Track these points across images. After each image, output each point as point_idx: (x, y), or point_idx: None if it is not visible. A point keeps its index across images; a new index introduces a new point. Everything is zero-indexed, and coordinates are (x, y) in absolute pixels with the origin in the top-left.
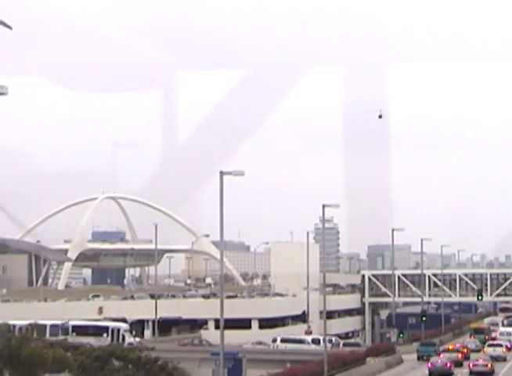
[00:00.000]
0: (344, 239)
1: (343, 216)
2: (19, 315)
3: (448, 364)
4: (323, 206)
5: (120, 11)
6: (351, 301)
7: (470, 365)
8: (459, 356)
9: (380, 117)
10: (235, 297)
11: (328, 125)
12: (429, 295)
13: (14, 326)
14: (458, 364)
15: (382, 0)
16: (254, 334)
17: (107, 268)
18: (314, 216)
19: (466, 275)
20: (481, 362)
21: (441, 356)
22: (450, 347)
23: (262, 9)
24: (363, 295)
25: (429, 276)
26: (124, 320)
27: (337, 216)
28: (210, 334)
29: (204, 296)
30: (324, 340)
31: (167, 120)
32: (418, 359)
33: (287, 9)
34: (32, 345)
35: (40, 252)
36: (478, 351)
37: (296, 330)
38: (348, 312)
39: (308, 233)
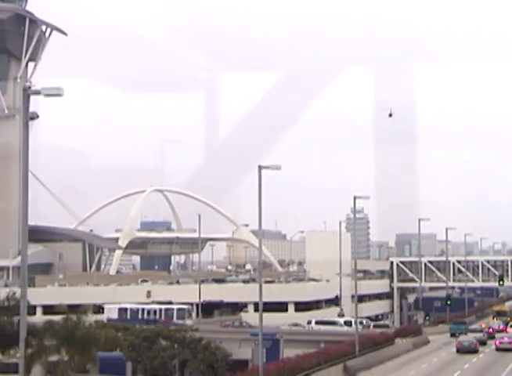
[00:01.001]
0: (373, 228)
1: (373, 207)
2: (75, 298)
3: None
4: (354, 198)
5: (165, 16)
6: (380, 286)
7: (497, 342)
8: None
9: (390, 115)
10: (272, 282)
11: (358, 122)
12: (453, 280)
13: (126, 308)
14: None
15: (409, 4)
16: (291, 316)
17: (155, 255)
18: (346, 207)
19: (488, 261)
20: (506, 340)
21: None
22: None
23: (298, 13)
24: (392, 280)
25: (453, 263)
26: (170, 303)
27: (368, 207)
28: (250, 317)
29: (244, 281)
30: (355, 322)
31: (210, 118)
32: (451, 336)
33: (320, 13)
34: (86, 326)
35: (93, 240)
36: (501, 331)
37: (329, 313)
38: (378, 296)
39: (340, 223)
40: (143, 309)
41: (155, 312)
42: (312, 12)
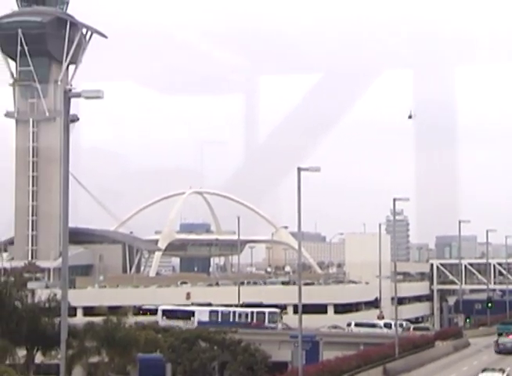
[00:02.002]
0: (413, 230)
1: (413, 208)
2: (115, 300)
3: None
4: (394, 199)
5: (204, 19)
6: (420, 288)
7: None
8: None
9: (410, 117)
10: (312, 284)
11: (398, 123)
12: (494, 283)
13: (217, 311)
14: None
15: (449, 5)
16: (330, 318)
17: (194, 257)
18: (385, 209)
19: None
20: None
21: (510, 336)
22: None
23: (337, 14)
24: (432, 283)
25: (494, 265)
26: (209, 305)
27: (407, 208)
28: (289, 319)
29: (283, 283)
30: (395, 324)
31: (249, 120)
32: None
33: (360, 14)
34: (126, 327)
35: (133, 242)
36: None
37: (369, 315)
38: (418, 299)
39: (380, 225)
40: (234, 312)
41: (246, 315)
42: (352, 14)
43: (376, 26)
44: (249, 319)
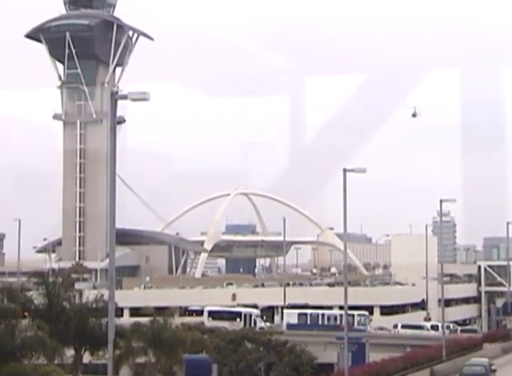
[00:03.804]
0: (460, 231)
1: (459, 209)
2: (161, 301)
3: None
4: (441, 201)
5: (249, 20)
6: (467, 290)
7: None
8: None
9: (414, 115)
10: (358, 285)
11: (445, 123)
12: None
13: (305, 314)
14: None
15: (495, 3)
16: (376, 320)
17: (240, 258)
18: (432, 210)
19: None
20: None
21: None
22: None
23: (380, 15)
24: (479, 285)
25: None
26: (255, 306)
27: (454, 209)
28: None
29: (329, 284)
30: (442, 326)
31: (294, 121)
32: None
33: (406, 14)
34: (173, 328)
35: (179, 243)
36: None
37: (415, 317)
38: (465, 301)
39: (426, 226)
40: (323, 315)
41: (335, 317)
42: (398, 14)
43: (424, 25)
44: (338, 322)
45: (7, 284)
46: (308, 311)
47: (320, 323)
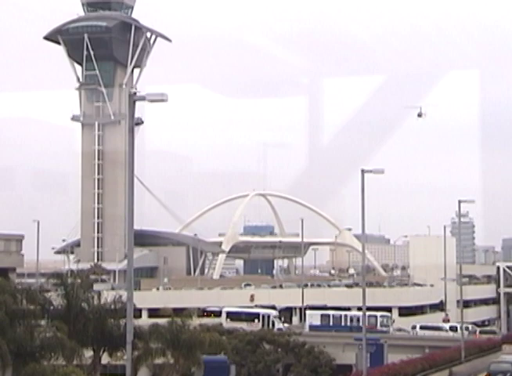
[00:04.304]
0: (479, 232)
1: (478, 210)
2: (179, 302)
3: None
4: (459, 202)
5: (267, 21)
6: (486, 291)
7: None
8: None
9: (420, 115)
10: (376, 286)
11: (463, 124)
12: None
13: (328, 315)
14: None
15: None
16: (395, 321)
17: (258, 259)
18: (450, 210)
19: None
20: None
21: None
22: None
23: (400, 16)
24: (498, 286)
25: None
26: (273, 307)
27: (473, 210)
28: None
29: (347, 285)
30: (461, 327)
31: (312, 122)
32: None
33: (424, 15)
34: (191, 329)
35: (197, 244)
36: None
37: (434, 318)
38: (484, 302)
39: (444, 227)
40: (346, 316)
41: (358, 319)
42: (416, 14)
43: (442, 26)
44: (361, 323)
45: (26, 285)
46: (331, 312)
47: (343, 324)
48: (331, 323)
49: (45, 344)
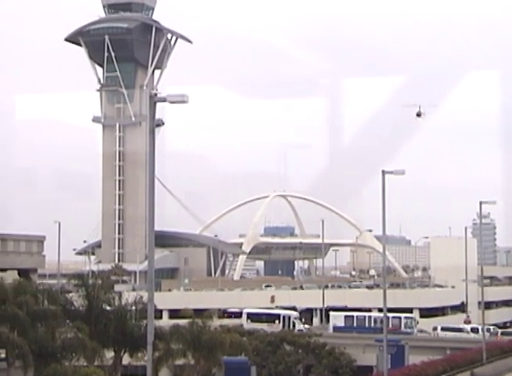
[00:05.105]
0: (500, 233)
1: (500, 211)
2: (200, 303)
3: None
4: (480, 203)
5: (287, 22)
6: (508, 292)
7: None
8: None
9: (419, 115)
10: (397, 287)
11: (484, 124)
12: None
13: (352, 316)
14: None
15: None
16: (418, 322)
17: (278, 260)
18: (471, 211)
19: None
20: None
21: None
22: None
23: (419, 17)
24: None
25: None
26: (294, 309)
27: (494, 211)
28: None
29: (368, 287)
30: (483, 329)
31: (333, 123)
32: None
33: (444, 16)
34: (212, 330)
35: (218, 245)
36: None
37: (455, 320)
38: (506, 303)
39: (466, 228)
40: (370, 317)
41: (381, 320)
42: (436, 15)
43: (462, 27)
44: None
45: (47, 286)
46: (355, 313)
47: (367, 325)
48: (355, 325)
49: (66, 344)
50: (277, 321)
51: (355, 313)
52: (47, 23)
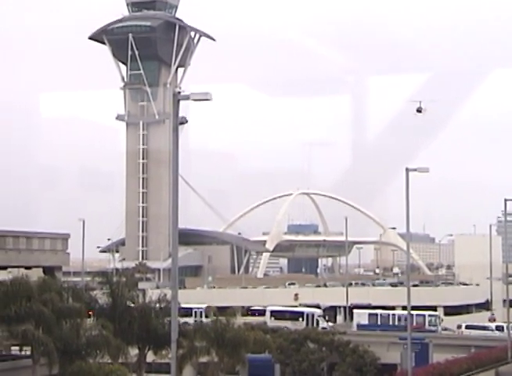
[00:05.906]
0: None
1: None
2: (223, 300)
3: None
4: (505, 200)
5: (310, 20)
6: None
7: None
8: None
9: (419, 111)
10: (422, 284)
11: (509, 122)
12: None
13: (376, 314)
14: None
15: None
16: (443, 320)
17: (302, 258)
18: (496, 209)
19: None
20: None
21: None
22: None
23: (443, 14)
24: None
25: None
26: (317, 306)
27: None
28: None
29: (392, 284)
30: (508, 327)
31: (357, 121)
32: None
33: (468, 13)
34: (235, 328)
35: (241, 243)
36: None
37: (479, 318)
38: None
39: (490, 226)
40: (394, 315)
41: (406, 318)
42: (461, 12)
43: (487, 24)
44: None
45: (72, 284)
46: (379, 311)
47: (391, 323)
48: (379, 323)
49: (90, 342)
50: (301, 319)
51: (378, 311)
52: (71, 21)
